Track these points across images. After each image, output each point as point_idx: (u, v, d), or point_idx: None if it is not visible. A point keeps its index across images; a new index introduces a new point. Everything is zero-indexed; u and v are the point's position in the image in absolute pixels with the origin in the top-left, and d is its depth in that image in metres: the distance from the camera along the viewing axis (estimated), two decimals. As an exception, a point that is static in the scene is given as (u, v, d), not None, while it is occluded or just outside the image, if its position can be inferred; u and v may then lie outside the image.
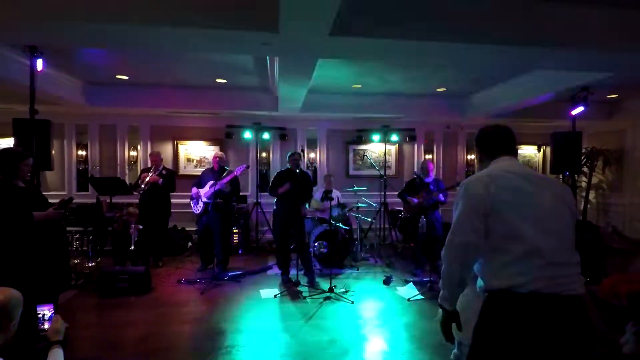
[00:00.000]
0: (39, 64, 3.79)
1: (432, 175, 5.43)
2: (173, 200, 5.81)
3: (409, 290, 4.62)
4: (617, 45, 3.43)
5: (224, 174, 5.18)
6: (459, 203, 1.59)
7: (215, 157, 5.47)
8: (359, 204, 6.22)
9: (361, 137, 7.45)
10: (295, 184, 4.84)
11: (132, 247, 4.95)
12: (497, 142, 1.74)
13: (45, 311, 2.18)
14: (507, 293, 1.46)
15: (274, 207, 5.19)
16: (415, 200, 5.26)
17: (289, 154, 5.16)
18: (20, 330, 1.62)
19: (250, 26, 2.96)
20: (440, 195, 5.14)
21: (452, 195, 5.92)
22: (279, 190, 4.88)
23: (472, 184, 1.58)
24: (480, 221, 1.51)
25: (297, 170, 4.95)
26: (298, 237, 4.95)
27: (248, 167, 5.66)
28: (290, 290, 4.58)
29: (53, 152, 4.43)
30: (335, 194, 6.29)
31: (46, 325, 2.13)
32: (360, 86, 5.99)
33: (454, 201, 1.65)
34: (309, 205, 5.44)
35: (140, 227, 5.16)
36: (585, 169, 7.28)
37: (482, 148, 1.79)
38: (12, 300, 1.49)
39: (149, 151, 7.02)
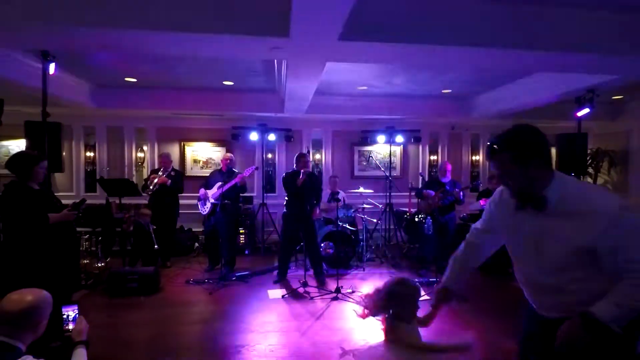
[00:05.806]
0: (52, 68, 3.85)
1: (449, 176, 5.47)
2: (180, 201, 5.87)
3: (415, 291, 4.64)
4: (621, 49, 3.46)
5: (233, 175, 5.22)
6: None
7: (224, 158, 5.51)
8: (365, 205, 6.25)
9: (366, 138, 7.48)
10: (303, 183, 4.83)
11: (157, 247, 5.04)
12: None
13: (70, 312, 2.24)
14: None
15: (284, 210, 5.15)
16: (432, 192, 5.28)
17: (296, 155, 5.10)
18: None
19: (262, 31, 3.00)
20: (461, 193, 5.17)
21: (467, 195, 6.01)
22: (298, 182, 4.79)
23: None
24: None
25: (302, 170, 4.88)
26: (309, 239, 4.95)
27: (257, 168, 5.69)
28: (298, 291, 4.62)
29: (63, 153, 4.49)
30: (341, 194, 6.32)
31: (70, 326, 2.18)
32: (365, 88, 6.02)
33: None
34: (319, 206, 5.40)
35: (154, 227, 5.24)
36: (590, 170, 7.28)
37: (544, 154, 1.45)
38: (43, 301, 1.54)
39: (156, 152, 7.09)
